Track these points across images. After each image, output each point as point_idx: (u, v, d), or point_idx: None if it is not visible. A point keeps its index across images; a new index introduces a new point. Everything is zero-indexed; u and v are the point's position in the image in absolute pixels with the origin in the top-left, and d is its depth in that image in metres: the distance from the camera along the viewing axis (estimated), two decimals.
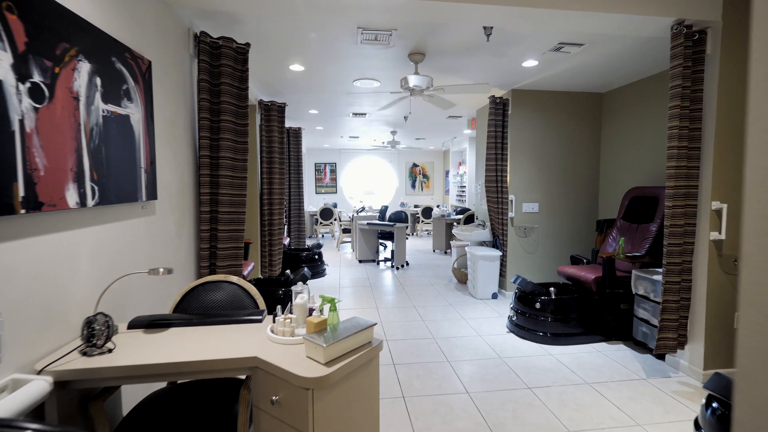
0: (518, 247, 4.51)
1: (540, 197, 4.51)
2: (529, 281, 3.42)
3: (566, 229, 4.57)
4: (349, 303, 4.36)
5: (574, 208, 4.58)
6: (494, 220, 4.62)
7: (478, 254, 4.40)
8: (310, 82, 4.19)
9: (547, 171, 4.51)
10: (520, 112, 4.41)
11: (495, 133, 4.38)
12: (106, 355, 1.32)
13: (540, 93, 4.42)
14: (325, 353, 1.24)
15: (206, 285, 1.87)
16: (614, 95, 4.30)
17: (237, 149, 2.79)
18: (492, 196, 4.54)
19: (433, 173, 11.62)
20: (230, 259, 2.76)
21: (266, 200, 4.69)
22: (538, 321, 3.30)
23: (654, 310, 2.96)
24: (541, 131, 4.46)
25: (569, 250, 4.59)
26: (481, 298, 4.49)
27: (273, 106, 4.67)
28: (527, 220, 4.50)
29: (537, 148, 4.47)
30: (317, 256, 5.68)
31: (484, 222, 5.02)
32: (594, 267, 3.60)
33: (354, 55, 3.32)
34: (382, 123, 6.77)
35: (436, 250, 7.82)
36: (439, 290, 4.90)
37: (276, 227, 4.76)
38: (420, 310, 4.09)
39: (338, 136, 8.51)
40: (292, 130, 6.62)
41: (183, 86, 2.48)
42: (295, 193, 6.74)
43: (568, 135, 4.51)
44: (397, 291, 4.86)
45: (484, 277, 4.45)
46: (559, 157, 4.52)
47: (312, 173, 11.14)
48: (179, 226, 2.41)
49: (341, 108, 5.50)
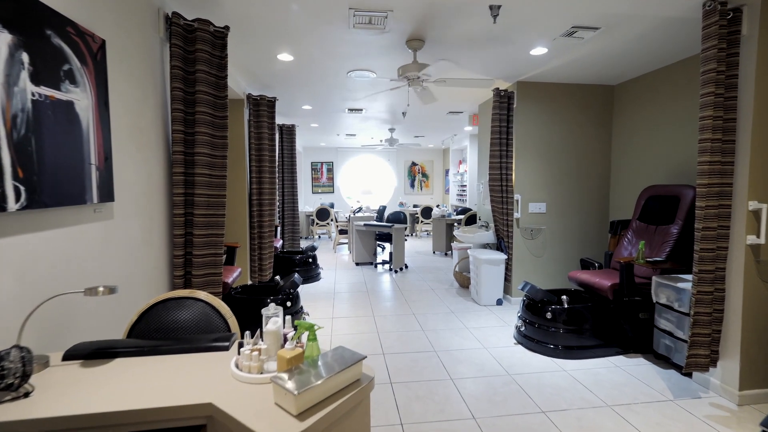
0: (524, 250, 4.23)
1: (547, 197, 4.23)
2: (539, 288, 3.14)
3: (575, 230, 4.29)
4: (343, 310, 4.08)
5: (583, 208, 4.29)
6: (498, 221, 4.34)
7: (481, 258, 4.12)
8: (301, 74, 3.90)
9: (555, 169, 4.22)
10: (526, 106, 4.12)
11: (499, 128, 4.10)
12: (19, 402, 1.03)
13: (547, 86, 4.14)
14: (297, 402, 0.95)
15: (168, 302, 1.58)
16: (627, 87, 4.02)
17: (215, 145, 2.50)
18: (496, 196, 4.26)
19: (433, 172, 11.33)
20: (208, 267, 2.48)
21: (255, 201, 4.40)
22: (549, 332, 3.02)
23: (678, 321, 2.68)
24: (548, 126, 4.18)
25: (579, 252, 4.31)
26: (485, 305, 4.21)
27: (262, 100, 4.39)
28: (534, 221, 4.22)
29: (544, 145, 4.19)
30: (311, 260, 5.39)
31: (487, 223, 4.74)
32: (608, 272, 3.32)
33: (347, 42, 3.03)
34: (379, 120, 6.48)
35: (436, 252, 7.54)
36: (440, 295, 4.62)
37: (266, 229, 4.47)
38: (420, 318, 3.81)
39: (334, 134, 8.22)
40: (286, 127, 6.33)
41: (152, 72, 2.19)
42: (288, 193, 6.46)
43: (577, 130, 4.23)
44: (395, 296, 4.58)
45: (488, 282, 4.17)
46: (568, 153, 4.24)
47: (308, 173, 10.85)
48: (147, 231, 2.13)
49: (336, 103, 5.22)
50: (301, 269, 5.27)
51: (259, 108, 4.38)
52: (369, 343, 3.23)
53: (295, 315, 3.46)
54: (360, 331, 3.50)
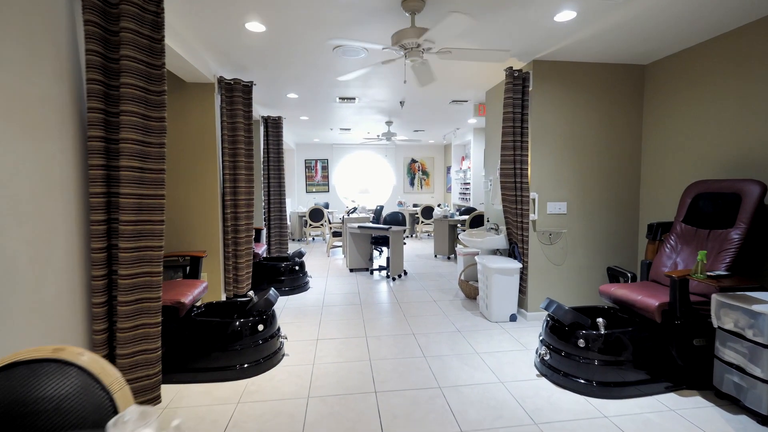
0: (542, 257, 3.63)
1: (568, 195, 3.63)
2: (568, 309, 2.54)
3: (601, 234, 3.70)
4: (331, 329, 3.48)
5: (610, 209, 3.70)
6: (511, 224, 3.74)
7: (492, 266, 3.53)
8: (279, 50, 3.30)
9: (577, 162, 3.63)
10: (544, 90, 3.52)
11: (513, 115, 3.50)
12: None
13: (567, 66, 3.54)
14: None
15: (15, 370, 0.99)
16: (661, 66, 3.42)
17: (149, 128, 1.91)
18: (509, 194, 3.66)
19: (434, 169, 10.74)
20: (140, 291, 1.88)
21: (230, 202, 3.81)
22: (581, 364, 2.42)
23: (752, 353, 2.08)
24: (569, 113, 3.58)
25: (605, 260, 3.72)
26: (496, 321, 3.62)
27: (237, 85, 3.79)
28: (553, 224, 3.63)
29: (564, 135, 3.59)
30: (298, 267, 4.80)
31: (497, 225, 4.14)
32: (647, 286, 2.73)
33: (329, 4, 2.43)
34: (375, 111, 5.88)
35: (438, 256, 6.94)
36: (444, 308, 4.02)
37: (243, 235, 3.88)
38: (420, 340, 3.22)
39: (327, 129, 7.62)
40: (271, 119, 5.74)
41: (48, 25, 1.59)
42: (275, 193, 5.86)
43: (603, 117, 3.63)
44: (393, 310, 3.99)
45: (500, 295, 3.58)
46: (592, 145, 3.64)
47: (302, 170, 10.25)
48: (39, 246, 1.53)
49: (325, 91, 4.61)
50: (286, 278, 4.68)
51: (233, 94, 3.79)
52: (358, 375, 2.64)
53: (270, 339, 2.87)
54: (348, 358, 2.91)
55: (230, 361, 2.67)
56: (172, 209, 3.66)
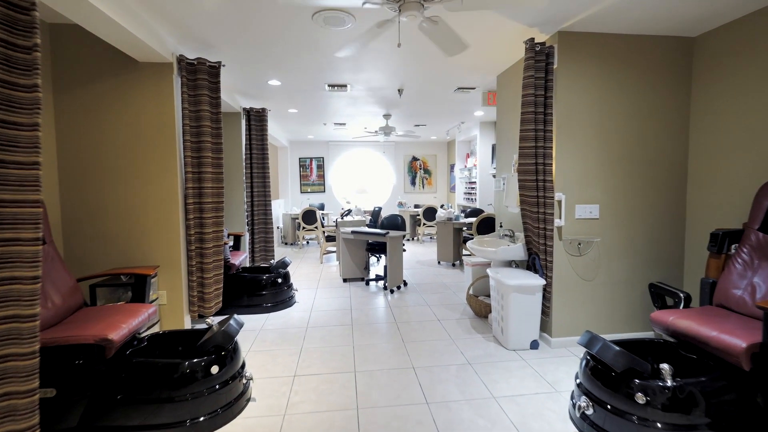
0: (569, 271, 3.00)
1: (601, 196, 3.00)
2: (619, 350, 1.90)
3: (641, 243, 3.06)
4: (313, 361, 2.86)
5: (653, 212, 3.06)
6: (531, 231, 3.11)
7: (509, 283, 2.90)
8: (245, 19, 2.68)
9: (612, 156, 2.99)
10: (572, 67, 2.89)
11: (534, 98, 2.86)
12: None
13: (600, 38, 2.90)
14: None
15: None
16: (716, 38, 2.78)
17: (11, 102, 1.29)
18: (529, 195, 3.03)
19: (436, 168, 10.10)
20: (4, 344, 1.26)
21: (193, 206, 3.19)
22: (639, 425, 1.80)
23: None
24: (601, 96, 2.95)
25: (646, 274, 3.08)
26: (513, 349, 2.99)
27: (201, 66, 3.17)
28: (582, 231, 2.99)
29: (596, 123, 2.96)
30: (281, 279, 4.18)
31: (512, 232, 3.51)
32: (717, 315, 2.10)
33: None
34: (371, 102, 5.26)
35: (441, 262, 6.31)
36: (450, 330, 3.39)
37: (210, 245, 3.26)
38: (423, 377, 2.60)
39: (320, 124, 7.00)
40: (254, 111, 5.13)
41: None
42: (260, 194, 5.25)
43: (642, 102, 2.99)
44: (389, 333, 3.36)
45: (518, 318, 2.95)
46: (629, 135, 3.00)
47: (296, 170, 9.64)
48: None
49: (310, 75, 3.99)
50: (267, 292, 4.06)
51: (197, 77, 3.17)
52: None
53: (231, 381, 2.25)
54: (331, 405, 2.28)
55: (177, 414, 2.05)
56: (120, 215, 3.05)
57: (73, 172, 3.00)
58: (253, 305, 4.01)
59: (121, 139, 3.03)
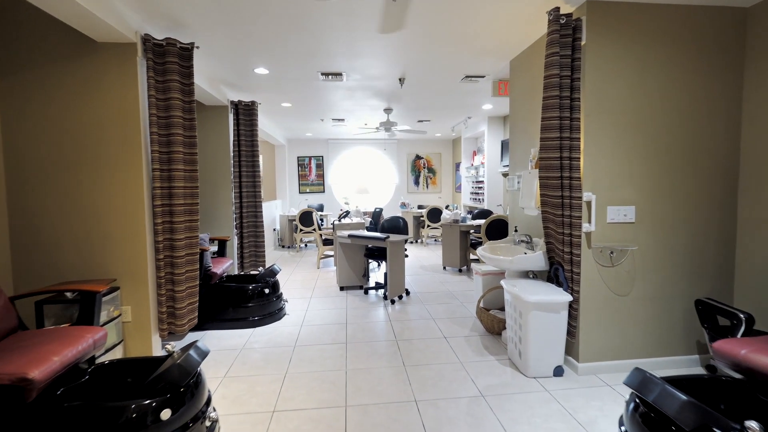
0: (599, 284, 2.55)
1: (637, 196, 2.55)
2: (688, 400, 1.44)
3: (684, 250, 2.60)
4: (297, 390, 2.43)
5: (698, 215, 2.60)
6: (554, 237, 2.66)
7: (529, 300, 2.45)
8: None
9: (651, 149, 2.54)
10: (603, 44, 2.44)
11: (559, 80, 2.42)
12: None
13: (635, 9, 2.45)
14: None
15: None
16: None
17: None
18: (551, 196, 2.58)
19: (441, 166, 9.65)
20: None
21: (161, 209, 2.78)
22: None
23: None
24: (638, 78, 2.50)
25: (690, 289, 2.62)
26: (534, 376, 2.54)
27: (171, 47, 2.76)
28: (615, 237, 2.54)
29: (632, 109, 2.51)
30: (270, 289, 3.75)
31: (529, 237, 3.06)
32: None
33: None
34: (370, 94, 4.82)
35: (447, 268, 5.87)
36: (459, 351, 2.95)
37: (182, 253, 2.85)
38: (427, 414, 2.16)
39: (317, 119, 6.58)
40: (243, 104, 4.71)
41: None
42: (249, 195, 4.84)
43: (686, 85, 2.54)
44: (389, 355, 2.93)
45: (540, 340, 2.50)
46: (671, 122, 2.55)
47: (294, 169, 9.23)
48: None
49: (301, 60, 3.56)
50: (254, 305, 3.64)
51: (167, 60, 2.75)
52: None
53: (190, 425, 1.82)
54: None
55: None
56: (77, 220, 2.64)
57: (21, 171, 2.59)
58: (237, 319, 3.59)
59: (76, 132, 2.62)
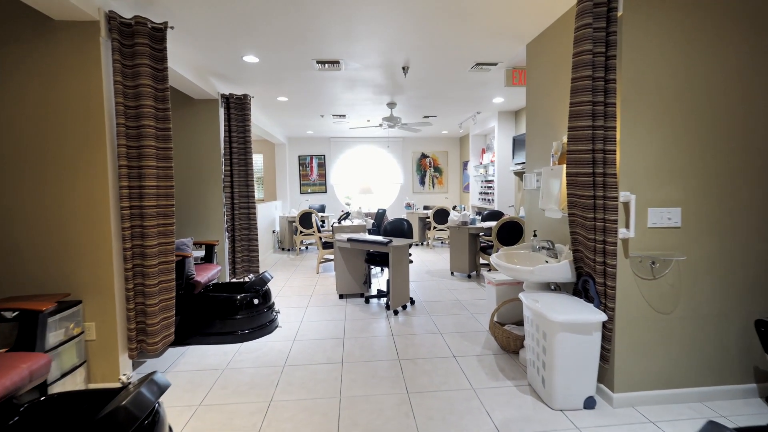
0: (637, 300, 2.16)
1: (684, 196, 2.15)
2: None
3: (740, 261, 2.20)
4: (282, 426, 2.07)
5: (758, 219, 2.20)
6: (583, 244, 2.27)
7: (555, 320, 2.06)
8: None
9: (701, 142, 2.14)
10: (644, 15, 2.05)
11: (592, 58, 2.03)
12: None
13: None
14: None
15: None
16: None
17: None
18: (581, 195, 2.19)
19: (447, 166, 9.26)
20: None
21: (129, 211, 2.43)
22: None
23: None
24: (686, 56, 2.10)
25: (746, 306, 2.22)
26: (560, 408, 2.16)
27: (141, 27, 2.41)
28: (658, 244, 2.15)
29: (678, 94, 2.12)
30: (260, 300, 3.40)
31: (551, 244, 2.67)
32: None
33: None
34: (371, 87, 4.46)
35: (455, 273, 5.48)
36: (471, 373, 2.57)
37: (154, 261, 2.50)
38: None
39: (317, 116, 6.23)
40: (234, 98, 4.38)
41: None
42: (242, 195, 4.50)
43: (742, 65, 2.14)
44: (390, 379, 2.56)
45: (568, 366, 2.12)
46: (726, 112, 2.15)
47: (295, 168, 8.90)
48: None
49: (293, 46, 3.20)
50: (242, 317, 3.29)
51: (135, 41, 2.41)
52: None
53: None
54: None
55: None
56: (31, 225, 2.30)
57: None
58: (223, 332, 3.24)
59: (29, 123, 2.28)
